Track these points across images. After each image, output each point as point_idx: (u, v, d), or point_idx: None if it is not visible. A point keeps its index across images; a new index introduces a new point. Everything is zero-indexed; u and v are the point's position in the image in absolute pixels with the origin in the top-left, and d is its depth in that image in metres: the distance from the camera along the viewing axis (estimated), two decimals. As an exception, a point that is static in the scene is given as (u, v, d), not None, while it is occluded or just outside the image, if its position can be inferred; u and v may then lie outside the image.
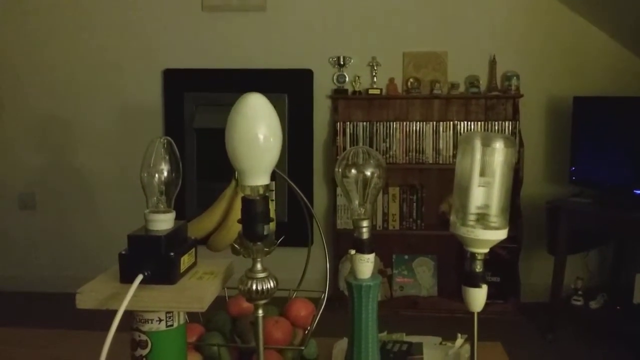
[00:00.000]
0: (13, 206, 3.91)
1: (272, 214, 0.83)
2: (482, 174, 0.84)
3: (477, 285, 0.86)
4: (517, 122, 3.47)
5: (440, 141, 3.52)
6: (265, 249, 0.80)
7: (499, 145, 0.84)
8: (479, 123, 3.51)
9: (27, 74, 3.84)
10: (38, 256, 3.92)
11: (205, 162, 3.70)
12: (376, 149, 3.46)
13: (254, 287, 0.79)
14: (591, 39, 3.55)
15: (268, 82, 3.64)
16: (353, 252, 0.91)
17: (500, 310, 3.38)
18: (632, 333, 3.03)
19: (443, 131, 3.52)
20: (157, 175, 0.85)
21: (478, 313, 0.89)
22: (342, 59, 3.64)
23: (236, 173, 0.80)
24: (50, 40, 3.81)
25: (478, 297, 0.87)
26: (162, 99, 3.78)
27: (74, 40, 3.80)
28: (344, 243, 3.60)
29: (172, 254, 0.81)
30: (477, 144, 0.85)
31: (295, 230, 1.90)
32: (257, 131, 0.75)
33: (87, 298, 0.79)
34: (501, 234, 0.85)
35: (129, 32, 3.77)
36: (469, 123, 3.52)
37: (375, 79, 3.63)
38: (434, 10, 3.61)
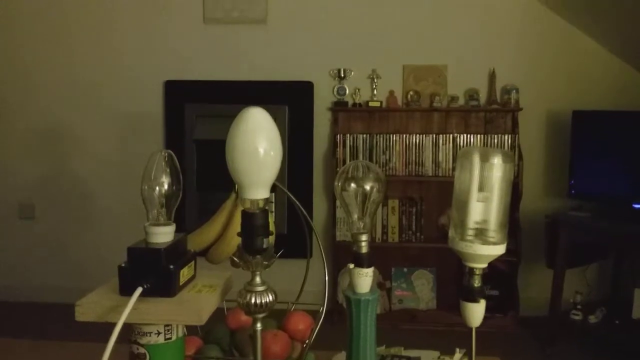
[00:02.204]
0: (13, 216, 3.91)
1: (272, 227, 0.83)
2: (481, 189, 0.85)
3: (475, 300, 0.87)
4: (517, 136, 3.48)
5: (440, 154, 3.53)
6: (265, 262, 0.80)
7: (497, 161, 0.85)
8: (479, 136, 3.52)
9: (29, 85, 3.85)
10: (37, 266, 3.91)
11: (205, 174, 3.70)
12: (376, 162, 3.49)
13: (253, 300, 0.79)
14: (591, 52, 3.57)
15: (268, 94, 3.66)
16: (352, 266, 0.91)
17: (499, 324, 3.37)
18: (631, 348, 3.01)
19: (442, 144, 3.53)
20: (157, 188, 0.85)
21: (476, 327, 0.89)
22: (342, 72, 3.65)
23: (236, 185, 0.81)
24: (52, 50, 3.82)
25: (476, 312, 0.87)
26: (163, 110, 3.80)
27: (76, 50, 3.82)
28: (343, 255, 3.59)
29: (171, 266, 0.81)
30: (476, 159, 0.85)
31: (294, 242, 1.90)
32: (257, 145, 0.75)
33: (87, 310, 0.79)
34: (499, 249, 0.85)
35: (130, 43, 3.79)
36: (469, 136, 3.53)
37: (375, 92, 3.64)
38: (434, 23, 3.64)
